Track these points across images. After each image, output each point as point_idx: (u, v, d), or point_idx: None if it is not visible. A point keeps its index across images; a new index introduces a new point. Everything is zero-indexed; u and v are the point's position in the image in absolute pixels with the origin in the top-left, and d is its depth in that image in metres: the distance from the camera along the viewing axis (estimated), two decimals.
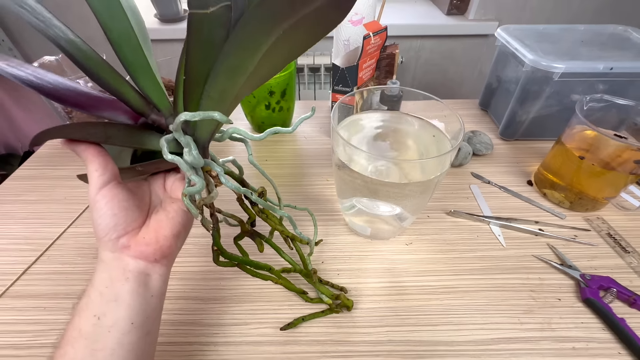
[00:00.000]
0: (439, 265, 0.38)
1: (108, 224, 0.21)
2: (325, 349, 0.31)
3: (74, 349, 0.19)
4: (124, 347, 0.20)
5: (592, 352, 0.31)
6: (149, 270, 0.22)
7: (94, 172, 0.21)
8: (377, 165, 0.32)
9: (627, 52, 0.49)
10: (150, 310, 0.22)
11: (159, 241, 0.22)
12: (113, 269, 0.21)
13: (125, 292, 0.21)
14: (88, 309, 0.20)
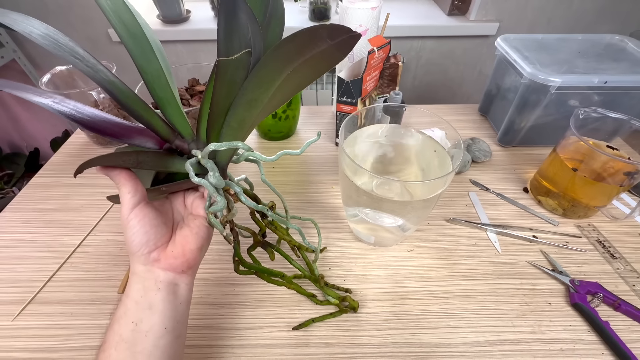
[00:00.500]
0: (438, 271, 0.40)
1: (141, 241, 0.24)
2: (333, 350, 0.34)
3: (117, 351, 0.21)
4: (159, 349, 0.22)
5: (578, 353, 0.33)
6: (177, 280, 0.25)
7: (127, 194, 0.24)
8: (381, 182, 0.34)
9: (622, 63, 0.50)
10: (180, 316, 0.25)
11: (186, 254, 0.25)
12: (146, 280, 0.24)
13: (158, 300, 0.23)
14: (126, 317, 0.22)
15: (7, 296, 0.38)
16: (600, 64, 0.50)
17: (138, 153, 0.24)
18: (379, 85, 0.56)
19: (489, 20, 1.02)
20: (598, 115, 0.44)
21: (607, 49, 0.54)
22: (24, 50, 1.04)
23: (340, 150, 0.34)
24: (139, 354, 0.22)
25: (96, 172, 0.25)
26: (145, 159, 0.25)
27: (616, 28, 1.06)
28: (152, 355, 0.22)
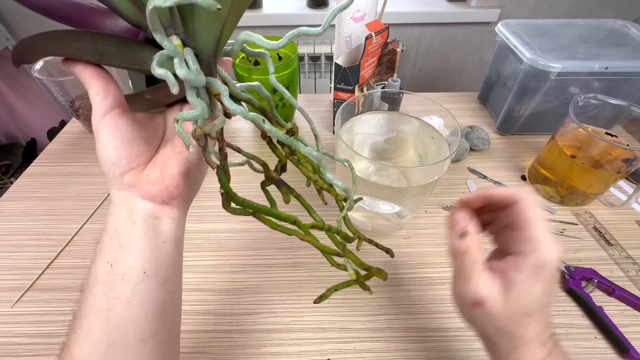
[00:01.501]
0: (434, 258, 0.41)
1: (110, 158, 0.19)
2: (330, 335, 0.34)
3: (93, 295, 0.18)
4: (139, 296, 0.18)
5: (572, 337, 0.34)
6: (158, 213, 0.20)
7: (95, 97, 0.19)
8: (378, 169, 0.34)
9: (624, 49, 0.49)
10: (163, 258, 0.20)
11: (165, 180, 0.19)
12: (121, 211, 0.19)
13: (134, 237, 0.19)
14: (101, 255, 0.19)
15: (5, 283, 0.38)
16: (602, 49, 0.49)
17: (94, 37, 0.17)
18: (377, 72, 0.55)
19: (490, 6, 1.00)
20: (598, 102, 0.43)
21: (609, 34, 0.53)
22: (17, 38, 1.02)
23: (336, 137, 0.34)
24: (116, 299, 0.18)
25: (62, 66, 0.20)
26: (108, 48, 0.18)
27: (620, 14, 1.04)
28: (131, 302, 0.18)
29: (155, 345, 0.19)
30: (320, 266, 0.40)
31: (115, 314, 0.18)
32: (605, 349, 0.33)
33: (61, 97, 0.54)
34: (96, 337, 0.17)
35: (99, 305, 0.18)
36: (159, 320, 0.19)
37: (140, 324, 0.18)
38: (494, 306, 0.20)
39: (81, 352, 0.17)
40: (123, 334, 0.18)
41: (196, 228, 0.44)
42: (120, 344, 0.18)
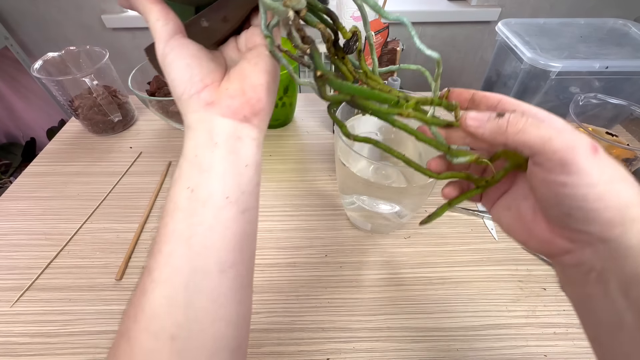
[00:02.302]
0: (434, 257, 0.41)
1: (183, 77, 0.18)
2: (330, 335, 0.34)
3: (173, 221, 0.17)
4: (221, 222, 0.17)
5: (571, 337, 0.34)
6: (239, 132, 0.19)
7: (156, 23, 0.18)
8: (377, 168, 0.34)
9: (624, 48, 0.49)
10: (245, 184, 0.18)
11: (246, 92, 0.18)
12: (200, 134, 0.18)
13: (216, 160, 0.18)
14: (181, 181, 0.18)
15: (5, 283, 0.38)
16: (602, 49, 0.49)
17: None
18: None
19: (491, 5, 0.99)
20: (598, 101, 0.43)
21: (609, 33, 0.53)
22: (16, 38, 1.02)
23: (336, 136, 0.34)
24: (198, 226, 0.17)
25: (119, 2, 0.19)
26: None
27: (620, 13, 1.04)
28: (213, 229, 0.17)
29: (234, 277, 0.18)
30: (320, 266, 0.40)
31: (196, 241, 0.17)
32: None
33: (60, 96, 0.54)
34: (177, 263, 0.17)
35: (180, 231, 0.17)
36: (239, 252, 0.18)
37: (221, 253, 0.17)
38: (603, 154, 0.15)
39: (163, 277, 0.17)
40: (204, 263, 0.17)
41: None
42: (201, 273, 0.17)
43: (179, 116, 0.53)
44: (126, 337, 0.16)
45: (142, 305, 0.16)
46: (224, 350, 0.17)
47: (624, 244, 0.15)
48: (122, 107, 0.57)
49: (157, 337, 0.16)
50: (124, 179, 0.51)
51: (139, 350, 0.16)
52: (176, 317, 0.16)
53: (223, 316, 0.17)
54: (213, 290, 0.17)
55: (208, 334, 0.17)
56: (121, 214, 0.46)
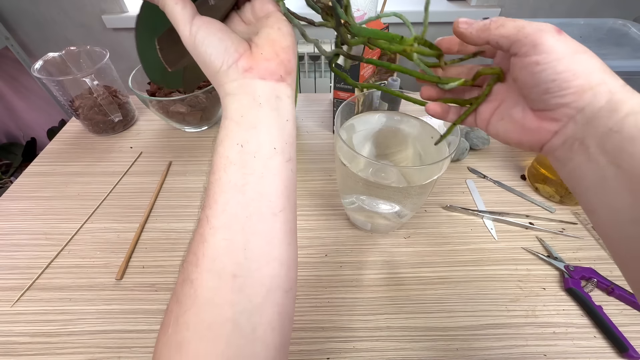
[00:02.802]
0: (434, 257, 0.41)
1: (219, 50, 0.20)
2: (330, 334, 0.34)
3: (226, 174, 0.19)
4: (270, 170, 0.19)
5: (571, 336, 0.34)
6: (277, 92, 0.20)
7: (175, 7, 0.19)
8: (377, 168, 0.34)
9: (624, 48, 0.49)
10: (287, 136, 0.21)
11: (279, 54, 0.20)
12: (242, 98, 0.20)
13: (262, 117, 0.20)
14: (229, 139, 0.19)
15: (6, 282, 0.38)
16: (602, 49, 0.49)
17: None
18: (376, 71, 0.55)
19: (491, 5, 1.00)
20: None
21: (609, 33, 0.53)
22: (17, 38, 1.02)
23: (335, 136, 0.34)
24: (250, 175, 0.19)
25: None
26: None
27: (620, 13, 1.04)
28: (264, 177, 0.19)
29: (284, 220, 0.20)
30: (320, 265, 0.40)
31: (250, 188, 0.19)
32: (604, 348, 0.33)
33: (61, 96, 0.54)
34: (234, 210, 0.18)
35: (234, 182, 0.19)
36: (286, 197, 0.20)
37: (272, 197, 0.19)
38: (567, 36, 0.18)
39: (221, 223, 0.18)
40: (258, 207, 0.19)
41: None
42: (256, 216, 0.18)
43: (179, 116, 0.53)
44: (189, 281, 0.17)
45: (203, 251, 0.18)
46: (279, 289, 0.19)
47: (595, 106, 0.17)
48: (122, 107, 0.57)
49: (220, 276, 0.17)
50: (124, 179, 0.51)
51: (202, 290, 0.17)
52: (236, 257, 0.18)
53: (277, 256, 0.19)
54: (267, 232, 0.19)
55: (264, 273, 0.18)
56: (121, 214, 0.46)
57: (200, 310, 0.17)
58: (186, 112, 0.53)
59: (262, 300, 0.18)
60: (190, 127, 0.58)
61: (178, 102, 0.51)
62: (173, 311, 0.18)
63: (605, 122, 0.17)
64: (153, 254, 0.41)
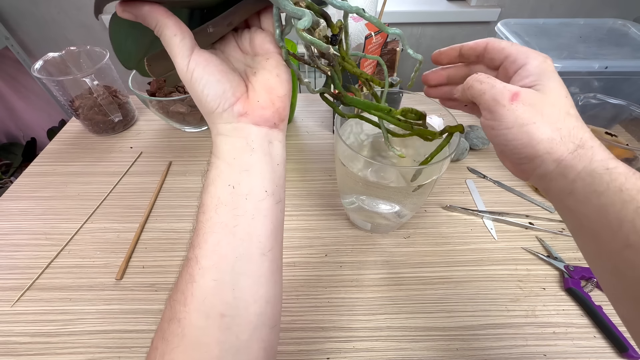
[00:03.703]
0: (434, 257, 0.41)
1: (216, 92, 0.19)
2: (330, 334, 0.34)
3: (217, 214, 0.19)
4: (261, 212, 0.20)
5: (570, 336, 0.34)
6: (270, 137, 0.21)
7: (173, 38, 0.19)
8: (377, 169, 0.34)
9: (624, 48, 0.49)
10: (278, 178, 0.21)
11: (275, 103, 0.21)
12: (235, 141, 0.20)
13: (254, 162, 0.20)
14: (221, 180, 0.20)
15: (6, 282, 0.38)
16: (602, 49, 0.49)
17: None
18: (376, 71, 0.55)
19: (490, 5, 0.99)
20: (597, 101, 0.44)
21: (609, 33, 0.53)
22: (17, 38, 1.02)
23: (335, 136, 0.34)
24: (241, 217, 0.19)
25: (121, 13, 0.18)
26: None
27: (620, 13, 1.04)
28: (255, 218, 0.19)
29: (272, 259, 0.20)
30: (319, 265, 0.40)
31: (240, 229, 0.19)
32: (604, 348, 0.33)
33: (61, 96, 0.54)
34: (224, 250, 0.19)
35: (225, 222, 0.19)
36: (274, 237, 0.20)
37: (262, 238, 0.20)
38: (528, 94, 0.19)
39: (211, 263, 0.18)
40: (247, 248, 0.19)
41: None
42: (246, 257, 0.19)
43: (179, 116, 0.53)
44: (175, 320, 0.18)
45: (192, 290, 0.18)
46: (264, 327, 0.19)
47: (546, 169, 0.19)
48: (122, 107, 0.57)
49: (208, 315, 0.18)
50: (124, 179, 0.51)
51: (190, 329, 0.17)
52: (225, 297, 0.18)
53: (263, 294, 0.19)
54: (255, 271, 0.19)
55: (251, 311, 0.19)
56: (121, 214, 0.46)
57: (188, 348, 0.17)
58: (186, 112, 0.53)
59: (248, 337, 0.18)
60: (190, 127, 0.58)
61: (178, 102, 0.51)
62: (158, 348, 0.18)
63: (559, 184, 0.19)
64: (153, 254, 0.41)
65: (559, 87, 0.20)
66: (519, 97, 0.19)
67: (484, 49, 0.23)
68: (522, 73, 0.21)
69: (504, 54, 0.22)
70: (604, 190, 0.17)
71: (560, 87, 0.20)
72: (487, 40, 0.23)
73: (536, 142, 0.19)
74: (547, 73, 0.20)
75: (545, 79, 0.20)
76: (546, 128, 0.19)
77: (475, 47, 0.23)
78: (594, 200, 0.18)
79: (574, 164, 0.18)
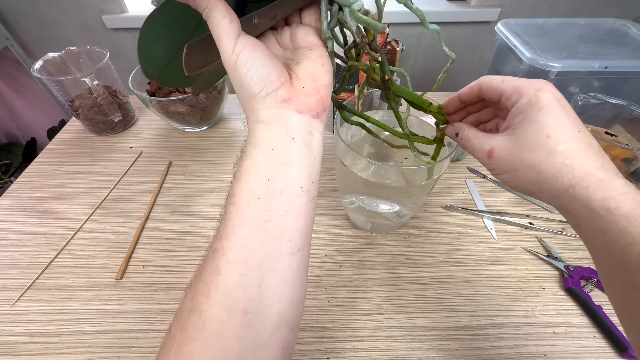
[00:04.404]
0: (434, 257, 0.41)
1: (261, 76, 0.19)
2: (330, 334, 0.34)
3: (249, 207, 0.18)
4: (295, 209, 0.19)
5: (570, 336, 0.34)
6: (310, 128, 0.20)
7: (222, 20, 0.18)
8: (377, 168, 0.34)
9: (624, 48, 0.49)
10: (314, 174, 0.20)
11: (320, 91, 0.20)
12: (276, 129, 0.19)
13: (294, 153, 0.19)
14: (257, 171, 0.19)
15: (6, 282, 0.38)
16: (602, 49, 0.49)
17: None
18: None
19: (490, 5, 0.99)
20: (597, 101, 0.44)
21: (609, 33, 0.53)
22: (17, 38, 1.02)
23: (335, 136, 0.34)
24: (274, 212, 0.18)
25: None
26: None
27: (620, 13, 1.04)
28: (288, 215, 0.19)
29: (301, 260, 0.19)
30: (319, 265, 0.40)
31: (272, 225, 0.18)
32: (604, 347, 0.33)
33: (61, 96, 0.54)
34: (253, 246, 0.18)
35: (256, 216, 0.18)
36: (305, 237, 0.20)
37: (293, 236, 0.19)
38: (502, 148, 0.20)
39: (239, 257, 0.18)
40: (278, 245, 0.18)
41: (197, 227, 0.44)
42: (275, 254, 0.18)
43: (179, 116, 0.53)
44: (197, 311, 0.17)
45: (216, 283, 0.17)
46: (286, 327, 0.19)
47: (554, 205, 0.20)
48: (122, 107, 0.57)
49: (231, 310, 0.17)
50: (124, 179, 0.51)
51: (211, 323, 0.17)
52: (250, 294, 0.17)
53: (289, 295, 0.19)
54: (283, 270, 0.19)
55: (274, 310, 0.18)
56: (121, 214, 0.46)
57: (207, 342, 0.17)
58: (186, 112, 0.53)
59: (268, 336, 0.18)
60: (190, 127, 0.58)
61: (178, 102, 0.51)
62: (176, 338, 0.17)
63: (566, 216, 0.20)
64: (153, 254, 0.41)
65: (543, 125, 0.19)
66: (493, 154, 0.21)
67: (479, 90, 0.23)
68: (514, 111, 0.20)
69: (498, 92, 0.22)
70: (606, 230, 0.17)
71: (546, 125, 0.19)
72: (480, 82, 0.23)
73: (528, 184, 0.20)
74: (534, 111, 0.19)
75: (529, 118, 0.20)
76: (529, 172, 0.20)
77: (471, 92, 0.24)
78: (599, 237, 0.18)
79: (571, 202, 0.19)
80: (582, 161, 0.19)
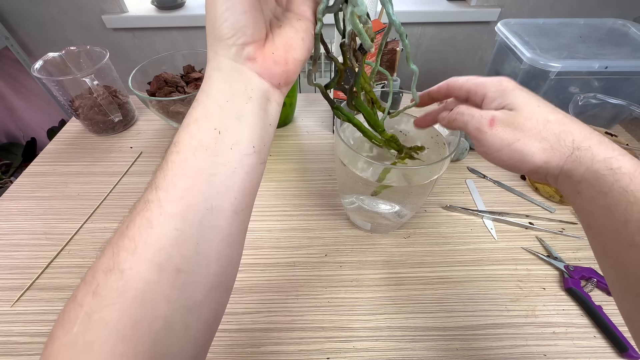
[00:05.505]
0: (434, 257, 0.41)
1: (235, 23, 0.17)
2: (329, 334, 0.34)
3: (194, 157, 0.17)
4: (244, 168, 0.18)
5: (571, 336, 0.34)
6: (269, 95, 0.19)
7: None
8: (377, 168, 0.34)
9: (624, 48, 0.49)
10: (267, 139, 0.19)
11: (288, 63, 0.19)
12: (235, 82, 0.18)
13: (249, 112, 0.18)
14: (207, 121, 0.17)
15: (5, 282, 0.38)
16: (602, 49, 0.49)
17: None
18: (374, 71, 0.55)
19: (490, 5, 0.99)
20: (597, 101, 0.43)
21: (609, 33, 0.53)
22: (17, 38, 1.02)
23: (336, 136, 0.34)
24: (222, 166, 0.17)
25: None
26: None
27: (620, 13, 1.04)
28: (236, 172, 0.18)
29: (243, 220, 0.19)
30: (319, 265, 0.40)
31: (218, 180, 0.17)
32: (604, 347, 0.33)
33: (61, 96, 0.54)
34: (195, 199, 0.16)
35: (202, 168, 0.17)
36: (250, 198, 0.19)
37: (238, 195, 0.18)
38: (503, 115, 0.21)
39: (177, 210, 0.16)
40: (222, 202, 0.17)
41: None
42: (217, 211, 0.17)
43: (179, 116, 0.53)
44: (117, 270, 0.15)
45: (146, 238, 0.15)
46: (220, 289, 0.18)
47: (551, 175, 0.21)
48: (122, 107, 0.57)
49: (162, 268, 0.15)
50: (124, 179, 0.51)
51: (135, 283, 0.15)
52: (185, 251, 0.16)
53: (227, 254, 0.18)
54: (224, 229, 0.17)
55: (211, 271, 0.17)
56: (122, 214, 0.45)
57: (128, 306, 0.14)
58: (186, 112, 0.53)
59: (202, 298, 0.17)
60: None
61: (178, 102, 0.51)
62: (84, 305, 0.15)
63: (568, 186, 0.20)
64: None
65: (527, 99, 0.21)
66: (495, 120, 0.21)
67: (446, 89, 0.25)
68: (486, 101, 0.22)
69: (464, 90, 0.24)
70: (608, 191, 0.18)
71: (529, 99, 0.21)
72: (447, 82, 0.25)
73: (530, 156, 0.20)
74: (508, 92, 0.21)
75: (510, 97, 0.21)
76: (532, 141, 0.20)
77: (439, 90, 0.26)
78: (600, 200, 0.18)
79: (575, 166, 0.19)
80: (576, 126, 0.20)
